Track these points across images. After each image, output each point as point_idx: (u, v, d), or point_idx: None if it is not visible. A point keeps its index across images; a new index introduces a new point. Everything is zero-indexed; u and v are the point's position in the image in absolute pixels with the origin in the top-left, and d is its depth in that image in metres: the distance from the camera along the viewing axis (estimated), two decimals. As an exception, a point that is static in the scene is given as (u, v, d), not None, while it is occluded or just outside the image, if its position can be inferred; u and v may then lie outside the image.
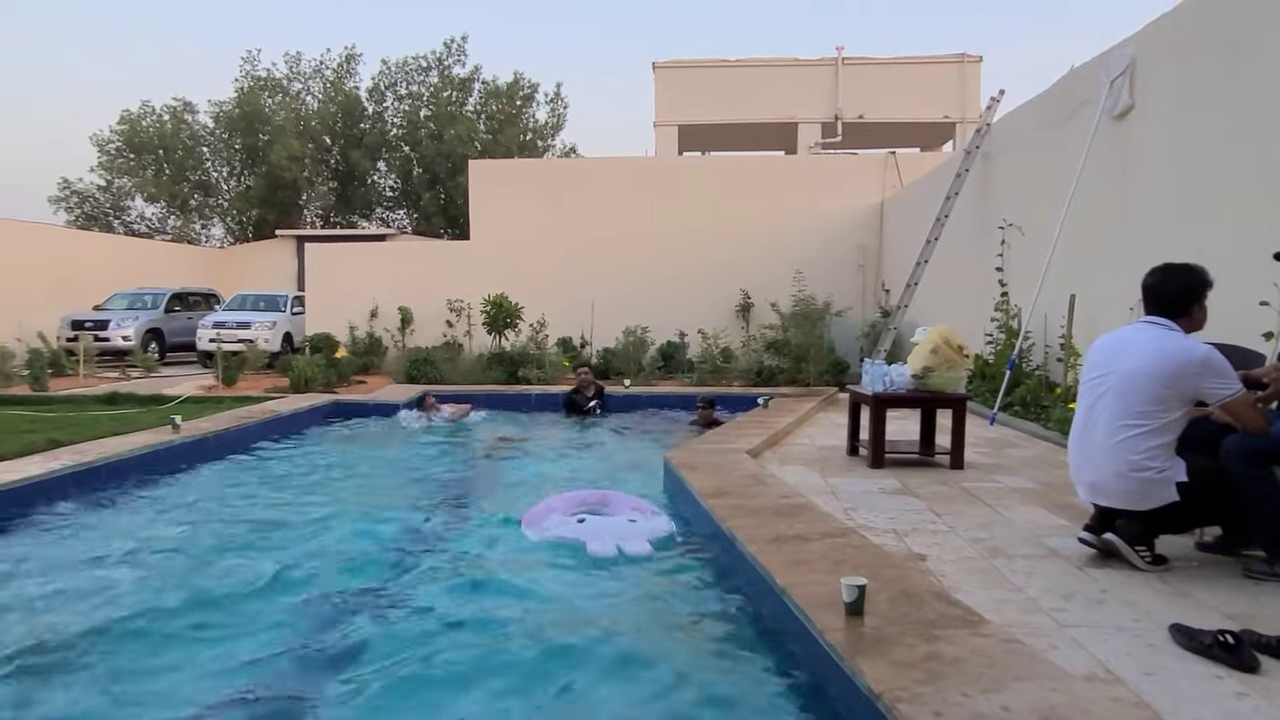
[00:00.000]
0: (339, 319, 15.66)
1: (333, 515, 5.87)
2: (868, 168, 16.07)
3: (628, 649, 3.57)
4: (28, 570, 4.66)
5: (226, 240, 32.48)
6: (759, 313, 15.01)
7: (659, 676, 3.32)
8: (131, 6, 56.80)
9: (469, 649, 3.60)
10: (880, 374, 6.25)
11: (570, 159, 30.97)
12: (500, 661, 3.49)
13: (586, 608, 4.07)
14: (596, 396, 11.18)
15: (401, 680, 3.33)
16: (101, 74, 55.96)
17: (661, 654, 3.51)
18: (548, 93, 33.41)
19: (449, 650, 3.59)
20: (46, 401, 10.81)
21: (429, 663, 3.47)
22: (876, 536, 4.25)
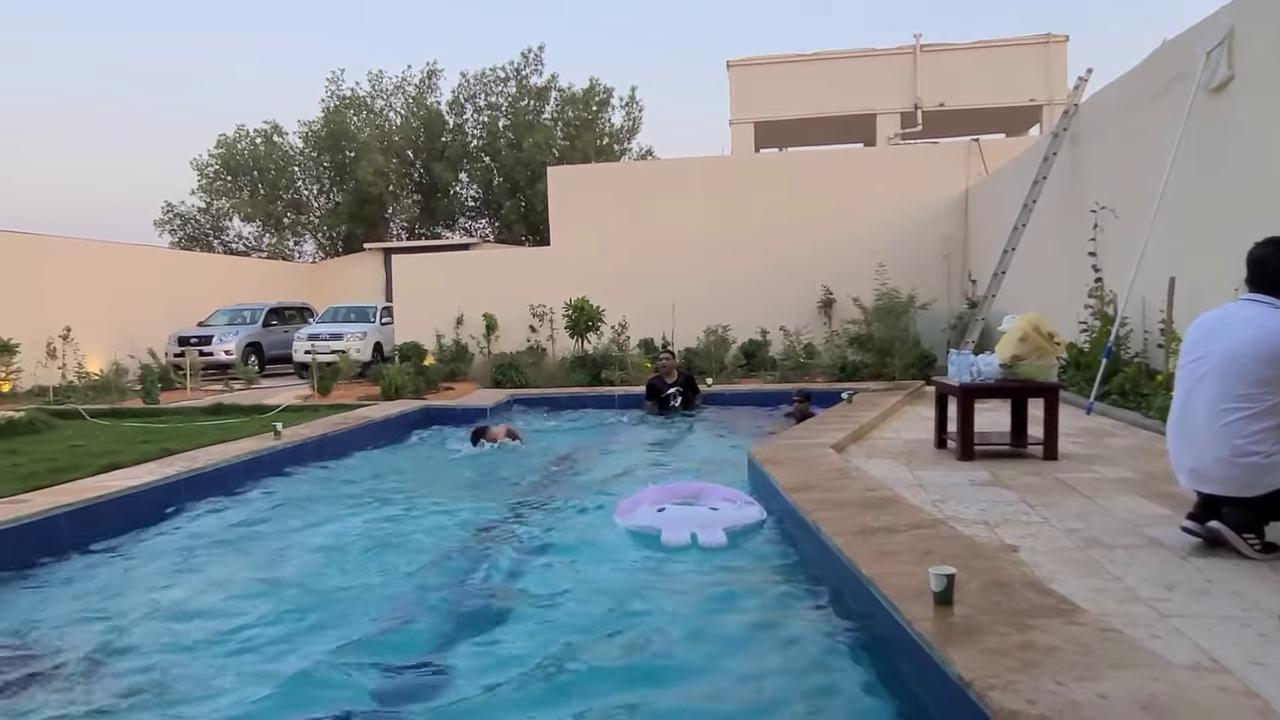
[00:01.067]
0: (426, 328, 16.10)
1: (430, 508, 6.08)
2: (950, 156, 15.69)
3: (714, 638, 3.61)
4: (160, 565, 4.97)
5: (318, 255, 33.71)
6: (841, 308, 14.81)
7: (746, 665, 3.35)
8: (225, 37, 59.55)
9: (558, 634, 3.69)
10: (967, 364, 6.11)
11: (647, 161, 31.12)
12: (581, 646, 3.57)
13: (672, 596, 4.11)
14: (681, 385, 11.08)
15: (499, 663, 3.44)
16: (200, 101, 58.87)
17: (748, 643, 3.53)
18: (623, 97, 33.71)
19: (542, 635, 3.69)
20: (158, 413, 11.41)
21: (521, 648, 3.58)
22: (966, 528, 4.16)
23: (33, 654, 3.73)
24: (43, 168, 57.27)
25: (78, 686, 3.39)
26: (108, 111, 57.63)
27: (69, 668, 3.56)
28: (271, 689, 3.30)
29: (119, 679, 3.46)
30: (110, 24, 59.73)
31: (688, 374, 11.47)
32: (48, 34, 58.74)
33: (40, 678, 3.48)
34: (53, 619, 4.16)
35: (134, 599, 4.42)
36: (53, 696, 3.31)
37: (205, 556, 5.18)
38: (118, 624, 4.07)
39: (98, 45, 60.55)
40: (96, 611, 4.26)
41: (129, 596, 4.47)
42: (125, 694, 3.32)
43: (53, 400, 13.04)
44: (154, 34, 59.52)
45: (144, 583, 4.71)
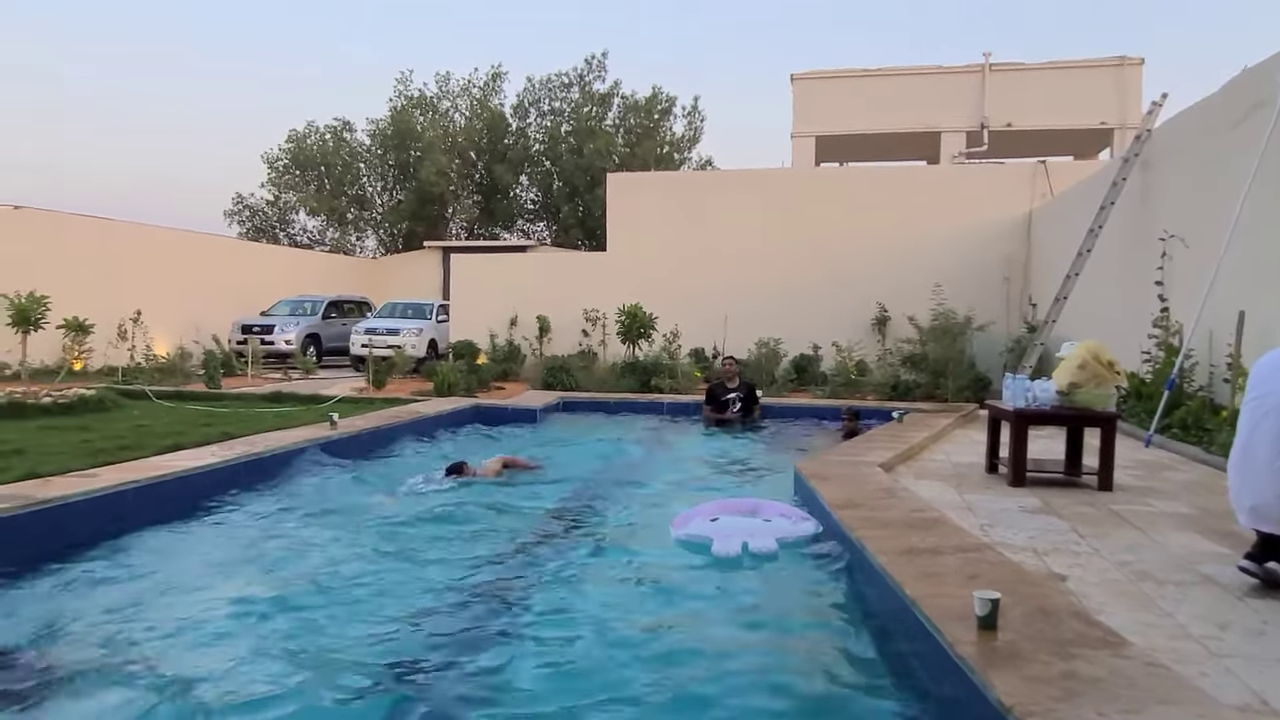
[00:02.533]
0: (480, 327, 16.33)
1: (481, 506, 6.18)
2: (1015, 177, 15.46)
3: (753, 652, 3.62)
4: (217, 543, 5.15)
5: (379, 251, 34.37)
6: (895, 326, 14.67)
7: (785, 680, 3.36)
8: (300, 35, 61.10)
9: (604, 643, 3.74)
10: (1022, 389, 6.03)
11: (706, 171, 31.16)
12: (622, 656, 3.60)
13: (716, 608, 4.14)
14: (742, 393, 11.06)
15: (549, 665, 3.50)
16: (274, 97, 60.49)
17: (788, 658, 3.54)
18: (685, 106, 33.81)
19: (588, 640, 3.75)
20: (219, 398, 11.76)
21: (569, 652, 3.63)
22: (1014, 554, 4.11)
23: (93, 626, 3.90)
24: (123, 155, 59.38)
25: (132, 659, 3.53)
26: (187, 103, 59.50)
27: (127, 636, 3.72)
28: (313, 671, 3.40)
29: (171, 654, 3.59)
30: (191, 18, 61.71)
31: (750, 383, 11.45)
32: (133, 27, 60.92)
33: (101, 646, 3.64)
34: (115, 591, 4.34)
35: (189, 577, 4.59)
36: (111, 668, 3.45)
37: (258, 538, 5.35)
38: (171, 600, 4.23)
39: (179, 39, 62.60)
40: (154, 587, 4.43)
41: (185, 574, 4.64)
42: (171, 670, 3.44)
43: (121, 380, 13.52)
44: (233, 30, 61.32)
45: (200, 561, 4.88)
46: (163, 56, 62.52)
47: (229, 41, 60.40)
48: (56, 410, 9.36)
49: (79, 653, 3.56)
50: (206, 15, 60.70)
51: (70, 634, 3.77)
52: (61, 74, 59.36)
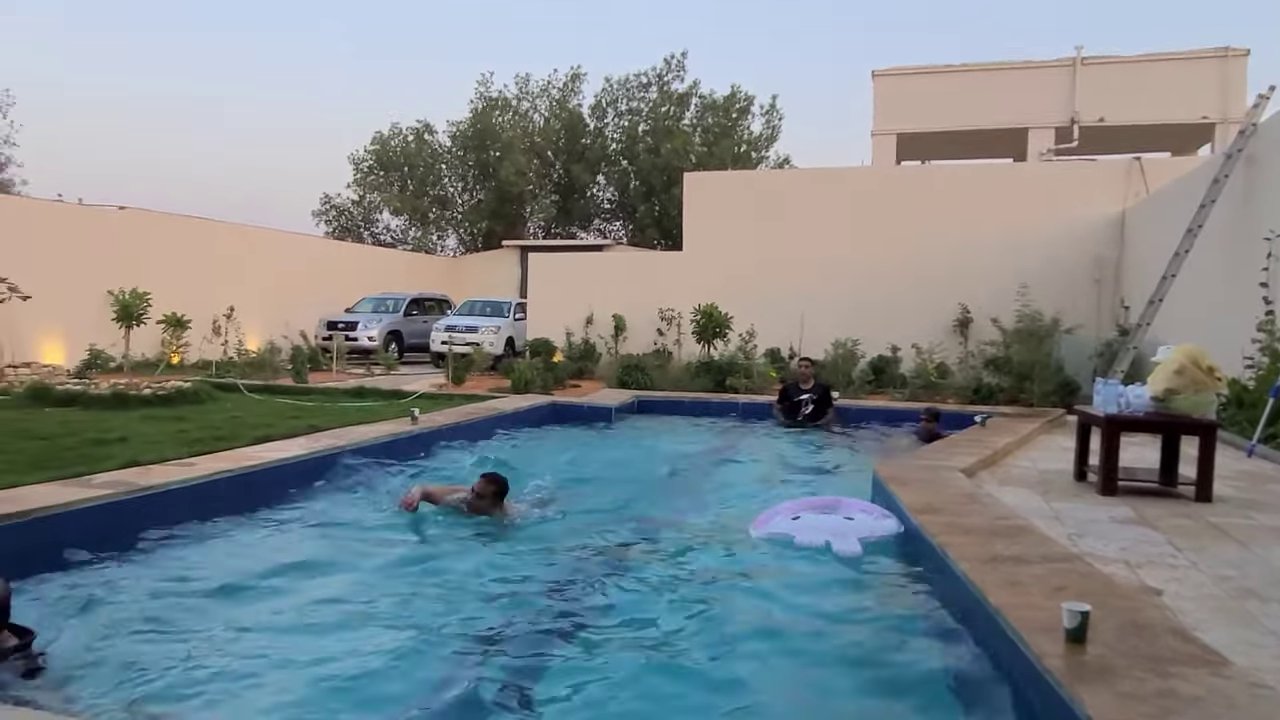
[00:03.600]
0: (557, 325, 16.49)
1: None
2: (1107, 174, 14.88)
3: (830, 656, 3.57)
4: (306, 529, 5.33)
5: (458, 250, 35.04)
6: (978, 328, 14.28)
7: (862, 687, 3.30)
8: (387, 38, 62.76)
9: (681, 643, 3.74)
10: (1115, 394, 5.80)
11: (784, 170, 30.87)
12: (699, 654, 3.60)
13: (793, 610, 4.10)
14: (815, 397, 10.94)
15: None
16: (362, 100, 62.29)
17: (863, 664, 3.48)
18: (763, 105, 33.56)
19: (671, 639, 3.76)
20: (306, 392, 12.14)
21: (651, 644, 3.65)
22: (1104, 565, 3.96)
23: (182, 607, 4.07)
24: (219, 158, 61.95)
25: (217, 634, 3.68)
26: (279, 107, 61.77)
27: (212, 615, 3.87)
28: (391, 661, 3.49)
29: (259, 631, 3.73)
30: (280, 25, 64.00)
31: (825, 386, 11.31)
32: (230, 38, 63.51)
33: (190, 622, 3.80)
34: (211, 571, 4.53)
35: (274, 564, 4.76)
36: (196, 646, 3.60)
37: (340, 529, 5.52)
38: (262, 583, 4.39)
39: (271, 47, 65.00)
40: (247, 571, 4.60)
41: (269, 560, 4.81)
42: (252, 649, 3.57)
43: (215, 373, 14.09)
44: (318, 38, 63.38)
45: (285, 549, 5.05)
46: (258, 63, 65.01)
47: (315, 48, 62.46)
48: (156, 401, 9.80)
49: (170, 632, 3.73)
50: (294, 22, 62.89)
51: (166, 616, 3.94)
52: (162, 81, 62.28)
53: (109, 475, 5.42)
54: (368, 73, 64.68)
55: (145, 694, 3.15)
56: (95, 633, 3.65)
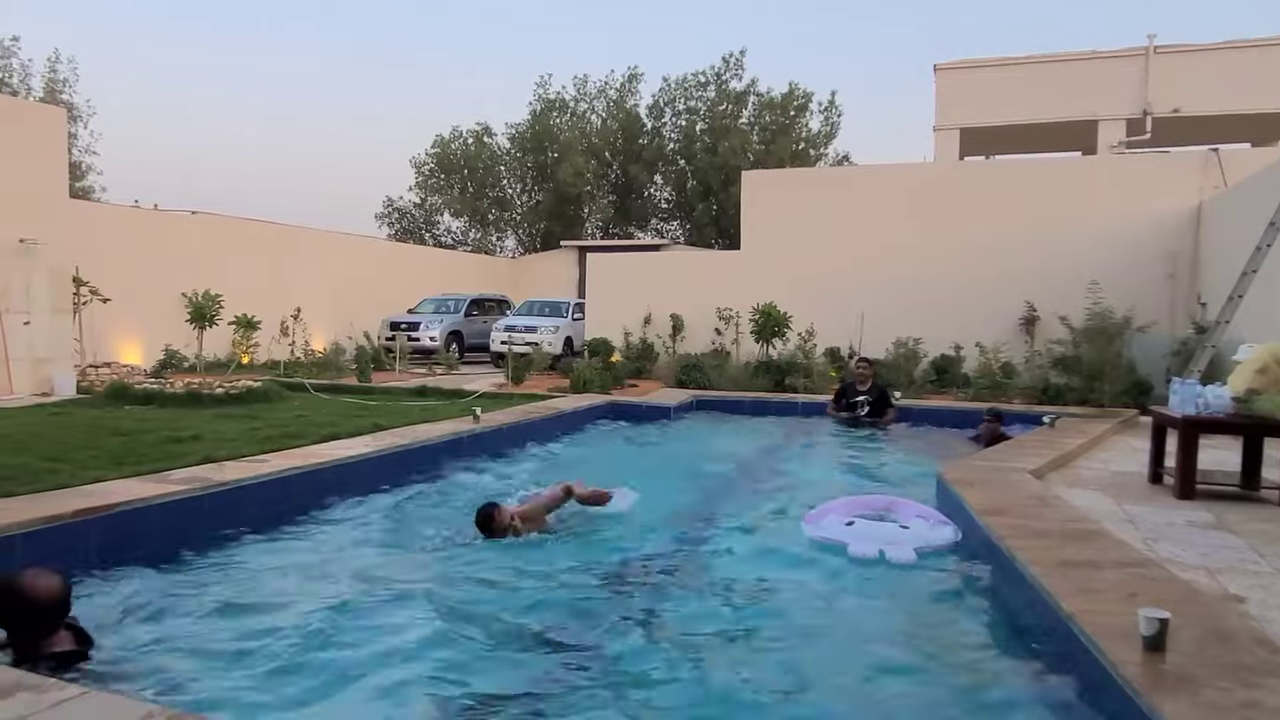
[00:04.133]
0: (615, 325, 16.55)
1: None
2: (1182, 167, 14.36)
3: (896, 661, 3.52)
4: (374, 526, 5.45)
5: (517, 251, 35.42)
6: (1045, 326, 13.90)
7: (932, 692, 3.25)
8: (449, 43, 63.73)
9: (728, 643, 3.72)
10: (1193, 395, 5.60)
11: (842, 167, 30.49)
12: (752, 657, 3.58)
13: (855, 613, 4.05)
14: (871, 398, 10.82)
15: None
16: (423, 104, 63.37)
17: (934, 669, 3.42)
18: (821, 101, 33.21)
19: (714, 635, 3.74)
20: (369, 391, 12.39)
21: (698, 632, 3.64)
22: (1183, 571, 3.83)
23: (258, 601, 4.19)
24: (284, 163, 63.62)
25: (287, 629, 3.77)
26: (342, 111, 63.17)
27: (287, 610, 3.97)
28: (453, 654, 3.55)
29: (323, 629, 3.81)
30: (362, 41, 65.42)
31: (883, 388, 11.16)
32: (299, 50, 65.15)
33: (261, 618, 3.90)
34: (278, 567, 4.65)
35: (337, 562, 4.86)
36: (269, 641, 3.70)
37: (404, 526, 5.62)
38: (327, 580, 4.49)
39: (336, 59, 66.50)
40: (310, 566, 4.72)
41: (334, 557, 4.92)
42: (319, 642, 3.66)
43: (283, 373, 14.47)
44: (378, 45, 64.63)
45: (350, 546, 5.17)
46: (323, 75, 66.57)
47: (376, 56, 63.67)
48: (228, 400, 10.11)
49: (249, 623, 3.84)
50: (349, 32, 64.22)
51: (238, 609, 4.05)
52: (234, 91, 64.18)
53: (185, 471, 5.60)
54: (429, 77, 65.75)
55: (213, 687, 3.24)
56: (171, 627, 3.78)
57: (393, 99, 67.96)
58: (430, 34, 66.63)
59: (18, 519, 4.22)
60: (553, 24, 64.18)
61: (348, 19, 67.23)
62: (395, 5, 66.94)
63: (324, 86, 67.95)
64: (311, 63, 67.26)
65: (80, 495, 4.80)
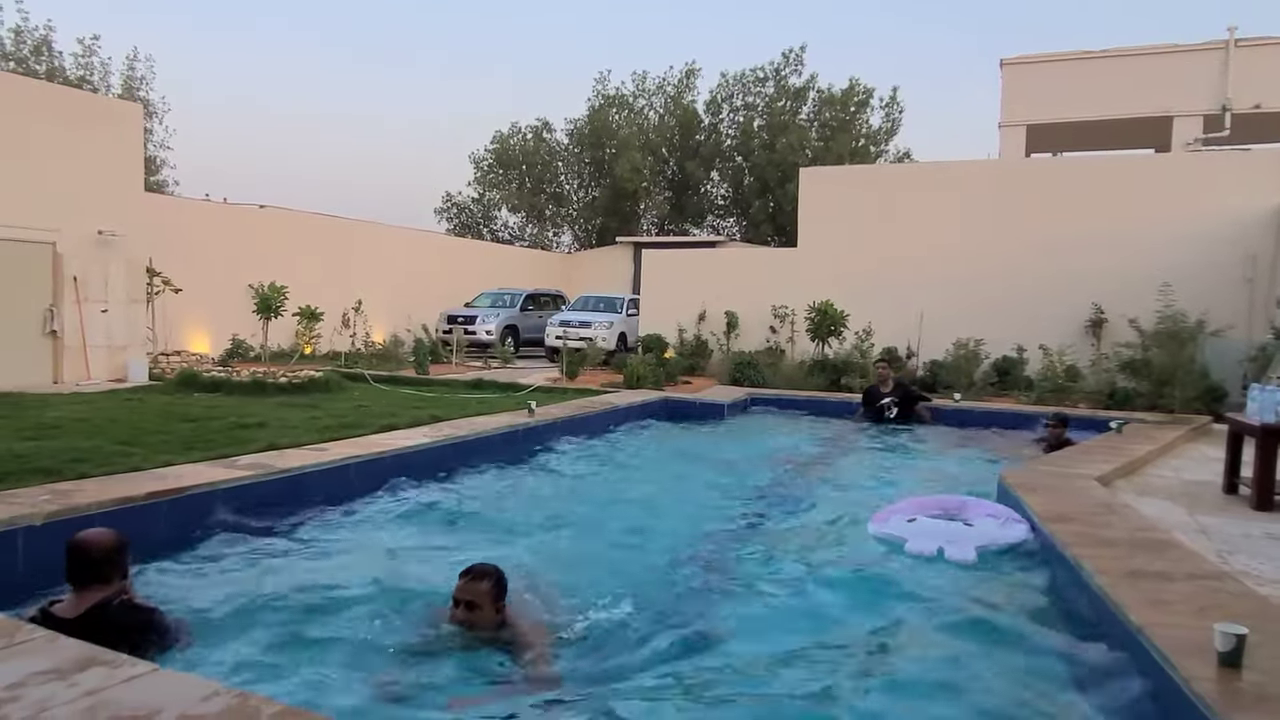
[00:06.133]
0: (669, 321, 16.53)
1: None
2: (1263, 165, 13.82)
3: (953, 675, 3.44)
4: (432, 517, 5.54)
5: (573, 246, 35.58)
6: (1113, 329, 13.50)
7: (988, 708, 3.16)
8: (514, 39, 64.31)
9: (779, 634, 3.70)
10: (1273, 402, 5.39)
11: (902, 164, 29.97)
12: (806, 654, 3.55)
13: (914, 622, 3.97)
14: (898, 399, 10.70)
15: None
16: (484, 101, 64.08)
17: (996, 678, 3.34)
18: (883, 97, 32.71)
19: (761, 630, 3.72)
20: (427, 383, 12.58)
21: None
22: (1261, 586, 3.69)
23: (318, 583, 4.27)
24: (349, 159, 64.89)
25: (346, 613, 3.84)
26: (404, 107, 64.19)
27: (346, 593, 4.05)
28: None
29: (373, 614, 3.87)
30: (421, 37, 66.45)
31: (908, 387, 11.04)
32: (360, 58, 66.38)
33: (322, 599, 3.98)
34: (341, 551, 4.74)
35: (406, 545, 4.94)
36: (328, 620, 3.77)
37: (456, 517, 5.69)
38: (393, 565, 4.56)
39: (403, 59, 67.59)
40: (377, 551, 4.80)
41: (402, 542, 5.00)
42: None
43: (343, 364, 14.77)
44: (437, 41, 65.48)
45: (408, 534, 5.25)
46: (392, 74, 67.72)
47: (438, 52, 64.54)
48: (291, 389, 10.36)
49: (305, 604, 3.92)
50: (409, 33, 65.16)
51: (302, 592, 4.14)
52: (310, 92, 65.65)
53: (251, 457, 5.75)
54: (492, 72, 66.44)
55: (272, 664, 3.32)
56: (238, 605, 3.88)
57: (455, 96, 68.82)
58: (494, 34, 67.33)
59: (95, 499, 4.38)
60: (613, 21, 64.32)
61: (407, 19, 68.29)
62: (458, 5, 67.79)
63: (387, 85, 69.11)
64: (376, 61, 68.48)
65: (152, 478, 4.97)
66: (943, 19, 64.36)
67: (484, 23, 67.45)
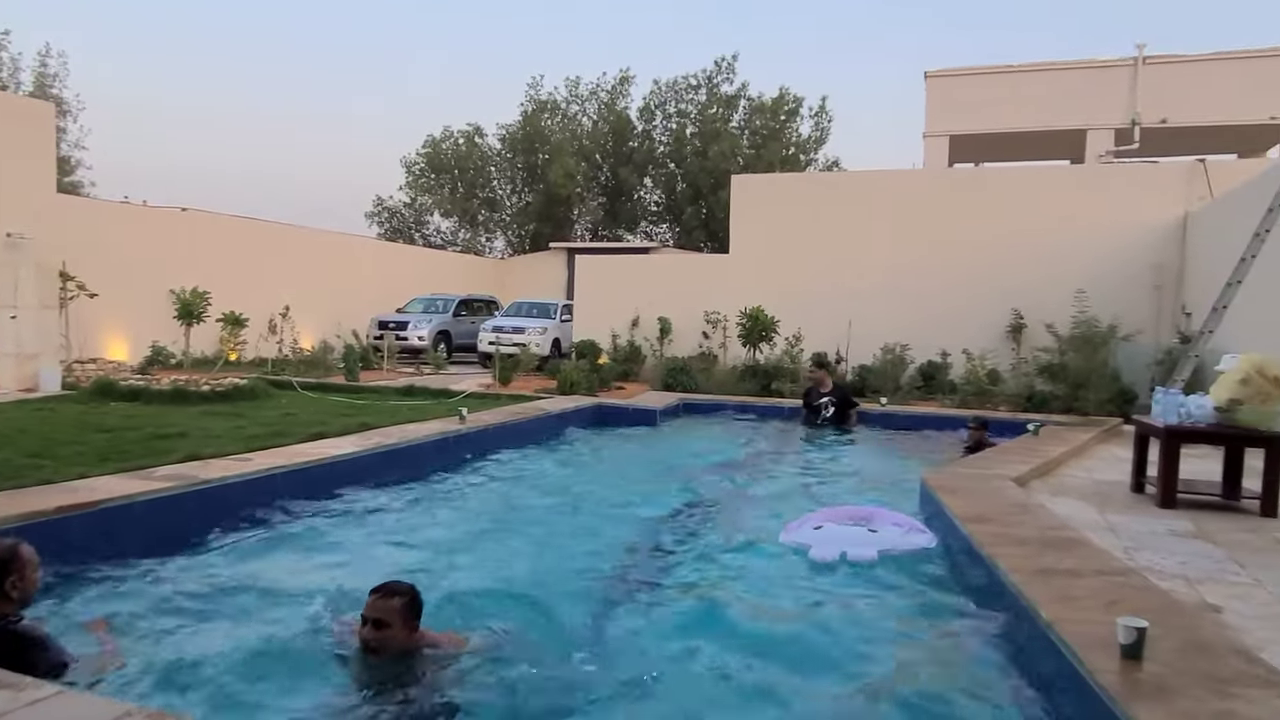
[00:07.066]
0: (603, 327, 16.54)
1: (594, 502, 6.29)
2: (1169, 177, 14.49)
3: (872, 671, 3.53)
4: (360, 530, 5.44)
5: (506, 252, 35.33)
6: (1032, 334, 13.99)
7: (904, 702, 3.26)
8: (442, 44, 63.65)
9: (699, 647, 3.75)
10: (1175, 404, 5.66)
11: (832, 173, 30.56)
12: (721, 666, 3.60)
13: (827, 620, 4.06)
14: (834, 399, 10.90)
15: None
16: (415, 105, 63.25)
17: (910, 675, 3.44)
18: (812, 107, 33.28)
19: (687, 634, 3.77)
20: (358, 390, 12.35)
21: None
22: (1162, 581, 3.87)
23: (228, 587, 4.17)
24: (275, 160, 63.36)
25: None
26: (332, 109, 63.01)
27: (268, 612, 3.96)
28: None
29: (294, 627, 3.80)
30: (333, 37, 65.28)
31: (844, 390, 11.29)
32: (288, 49, 64.94)
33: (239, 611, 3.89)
34: (262, 566, 4.63)
35: (325, 560, 4.85)
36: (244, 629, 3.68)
37: (389, 525, 5.61)
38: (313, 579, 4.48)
39: (326, 56, 66.33)
40: (298, 566, 4.71)
41: (321, 557, 4.91)
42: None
43: (270, 370, 14.39)
44: (371, 42, 64.53)
45: (336, 545, 5.16)
46: (315, 72, 66.37)
47: (369, 53, 63.56)
48: (214, 397, 10.06)
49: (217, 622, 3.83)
50: (344, 33, 64.09)
51: (212, 608, 4.04)
52: (228, 92, 63.92)
53: (170, 469, 5.58)
54: (423, 77, 65.64)
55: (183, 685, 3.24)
56: (147, 623, 3.76)
57: (385, 99, 67.80)
58: (424, 34, 66.54)
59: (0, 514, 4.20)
60: (546, 25, 64.20)
61: (341, 17, 67.08)
62: (389, 4, 66.84)
63: (316, 85, 67.72)
64: (303, 60, 67.05)
65: (64, 491, 4.79)
66: (870, 32, 65.88)
67: (415, 24, 66.63)
